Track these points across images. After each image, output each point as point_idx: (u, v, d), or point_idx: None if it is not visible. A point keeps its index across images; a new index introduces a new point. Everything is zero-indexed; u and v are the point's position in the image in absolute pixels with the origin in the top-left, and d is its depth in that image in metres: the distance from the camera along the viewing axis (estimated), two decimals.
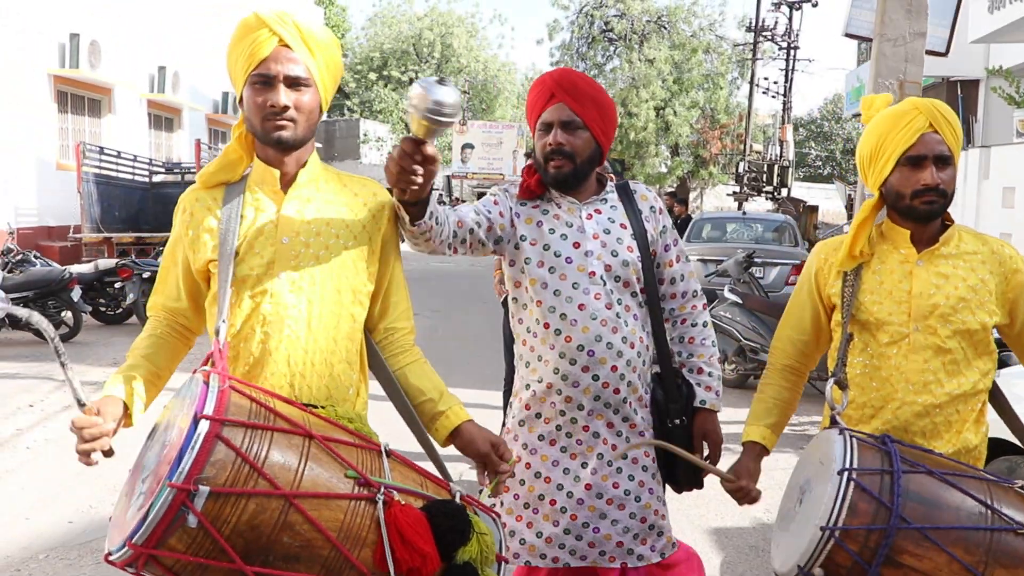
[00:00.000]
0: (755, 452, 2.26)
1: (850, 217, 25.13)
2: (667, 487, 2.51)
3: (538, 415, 2.39)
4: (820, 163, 53.53)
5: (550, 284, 2.35)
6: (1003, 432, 2.30)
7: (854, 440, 1.82)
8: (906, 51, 6.37)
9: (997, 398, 2.21)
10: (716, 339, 2.56)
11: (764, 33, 28.61)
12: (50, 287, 9.79)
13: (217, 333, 1.83)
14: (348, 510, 1.57)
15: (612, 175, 2.55)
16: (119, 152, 14.65)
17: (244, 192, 1.95)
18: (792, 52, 28.15)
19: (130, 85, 19.09)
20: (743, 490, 2.22)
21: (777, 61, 30.90)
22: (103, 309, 11.16)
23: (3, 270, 10.44)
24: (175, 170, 15.98)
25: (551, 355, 2.34)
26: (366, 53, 45.67)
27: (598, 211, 2.44)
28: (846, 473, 1.73)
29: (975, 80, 16.29)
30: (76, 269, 10.80)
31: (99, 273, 10.73)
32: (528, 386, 2.41)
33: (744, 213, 15.41)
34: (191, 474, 1.44)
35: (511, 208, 2.43)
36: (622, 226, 2.43)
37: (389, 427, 2.15)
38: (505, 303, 5.17)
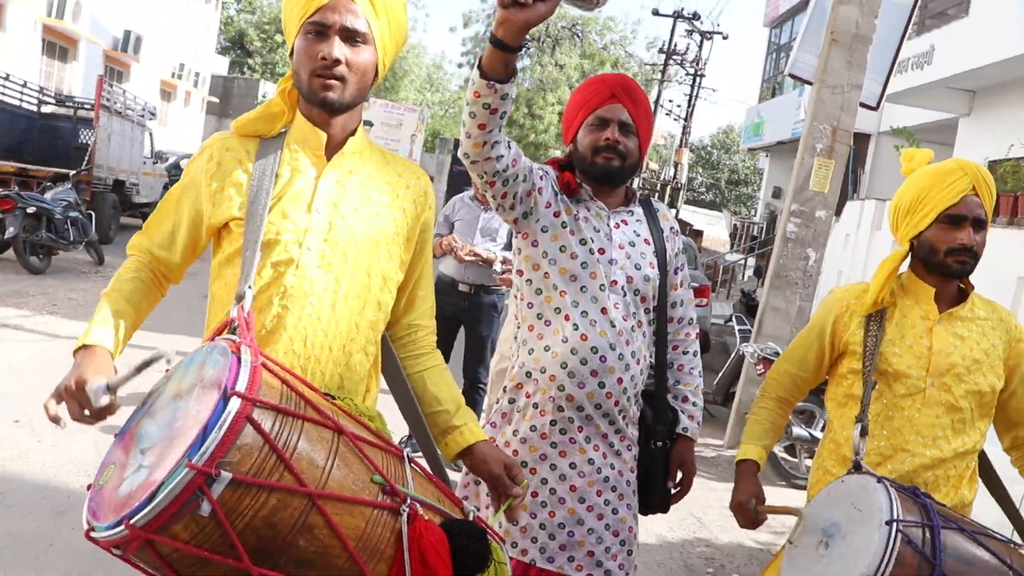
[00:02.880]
0: (754, 470, 2.29)
1: (733, 244, 26.06)
2: None
3: (535, 405, 2.35)
4: (704, 189, 55.23)
5: (579, 278, 2.33)
6: None
7: (894, 490, 1.85)
8: (843, 100, 6.65)
9: (983, 462, 2.32)
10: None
11: (674, 56, 29.28)
12: None
13: (241, 299, 1.62)
14: (370, 519, 1.42)
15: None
16: (7, 75, 13.60)
17: (281, 149, 1.78)
18: (698, 79, 28.92)
19: (24, 4, 17.77)
20: (760, 516, 2.23)
21: (682, 86, 31.69)
22: None
23: None
24: (67, 103, 14.98)
25: (562, 348, 2.30)
26: (275, 13, 44.26)
27: (625, 222, 2.44)
28: (895, 524, 1.74)
29: (867, 134, 17.21)
30: None
31: None
32: (529, 374, 2.36)
33: None
34: (214, 456, 1.25)
35: (553, 189, 2.40)
36: (646, 241, 2.45)
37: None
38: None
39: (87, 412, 1.50)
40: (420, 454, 1.95)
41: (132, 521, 1.25)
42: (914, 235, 2.20)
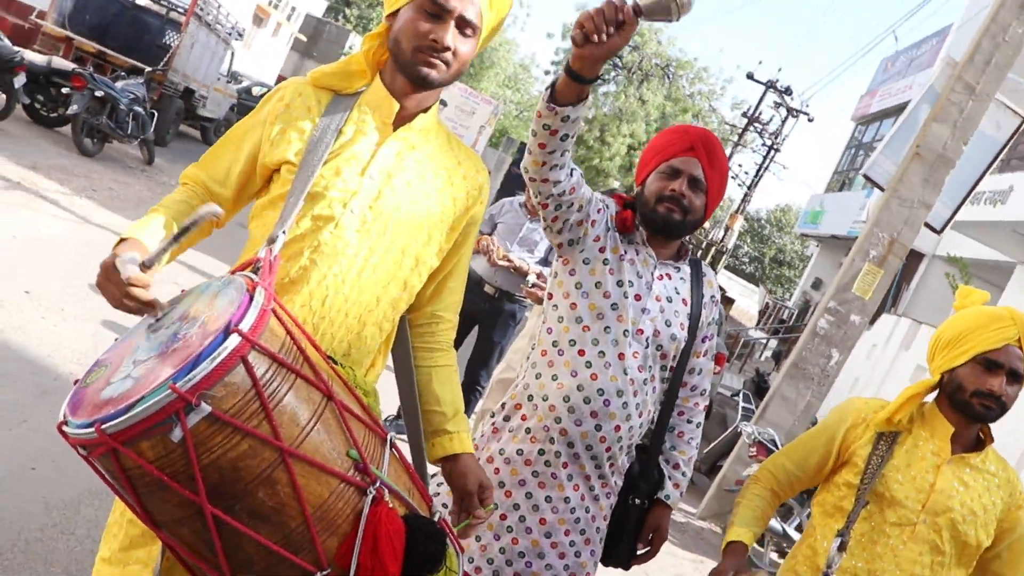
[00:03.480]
0: (744, 550, 2.25)
1: (760, 321, 25.89)
2: None
3: (528, 430, 2.32)
4: (748, 260, 55.01)
5: (606, 318, 2.30)
6: None
7: None
8: (909, 214, 6.58)
9: None
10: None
11: (756, 123, 29.18)
12: None
13: (272, 242, 1.62)
14: (335, 491, 1.40)
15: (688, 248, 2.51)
16: None
17: (352, 109, 1.77)
18: (772, 152, 28.80)
19: None
20: None
21: (755, 154, 31.58)
22: (38, 107, 10.53)
23: None
24: (162, 1, 15.14)
25: (569, 382, 2.28)
26: None
27: (668, 276, 2.41)
28: None
29: (921, 253, 17.02)
30: (29, 56, 10.12)
31: (51, 70, 10.09)
32: (531, 397, 2.34)
33: None
34: (199, 386, 1.24)
35: (607, 225, 2.38)
36: (684, 301, 2.41)
37: None
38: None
39: (125, 297, 1.42)
40: (404, 437, 1.94)
41: (104, 426, 1.24)
42: (947, 369, 2.17)
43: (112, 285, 1.43)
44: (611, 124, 33.79)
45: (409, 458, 1.87)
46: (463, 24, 1.71)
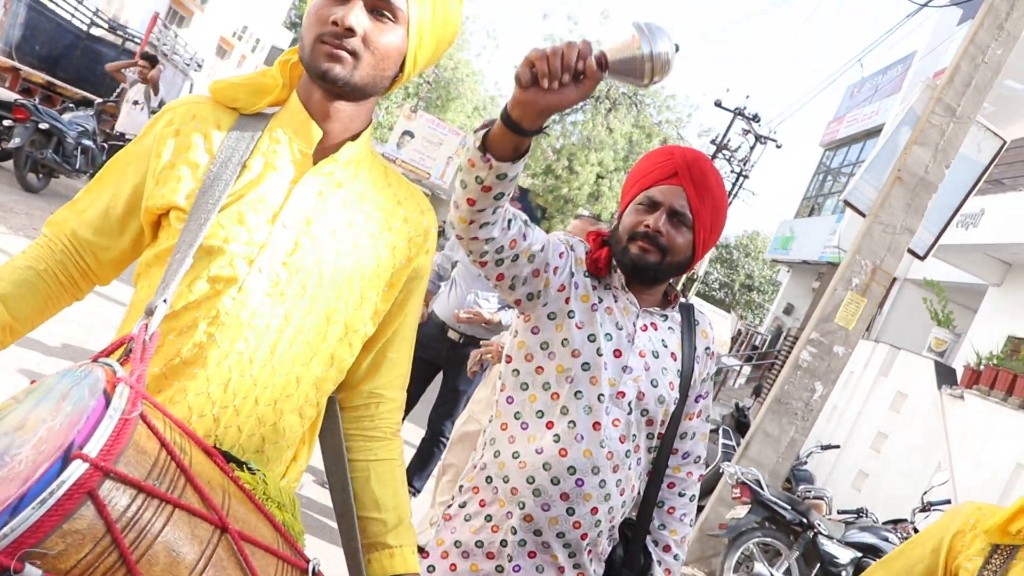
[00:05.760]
0: None
1: (732, 348, 25.66)
2: None
3: (488, 517, 1.94)
4: (718, 287, 54.99)
5: (576, 382, 1.90)
6: None
7: None
8: (892, 240, 6.31)
9: None
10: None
11: (724, 150, 29.15)
12: None
13: (150, 313, 1.23)
14: None
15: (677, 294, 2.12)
16: None
17: (261, 135, 1.38)
18: (741, 179, 28.76)
19: None
20: None
21: (724, 181, 31.58)
22: None
23: None
24: (117, 31, 14.72)
25: (533, 460, 1.89)
26: None
27: (654, 326, 2.02)
28: None
29: (894, 277, 16.88)
30: None
31: None
32: (489, 479, 1.95)
33: None
34: (22, 541, 0.86)
35: (571, 271, 1.97)
36: (672, 356, 2.02)
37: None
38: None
39: None
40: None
41: None
42: None
43: None
44: (579, 153, 33.67)
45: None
46: (374, 6, 1.34)
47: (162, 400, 1.29)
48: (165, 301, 1.26)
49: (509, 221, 1.74)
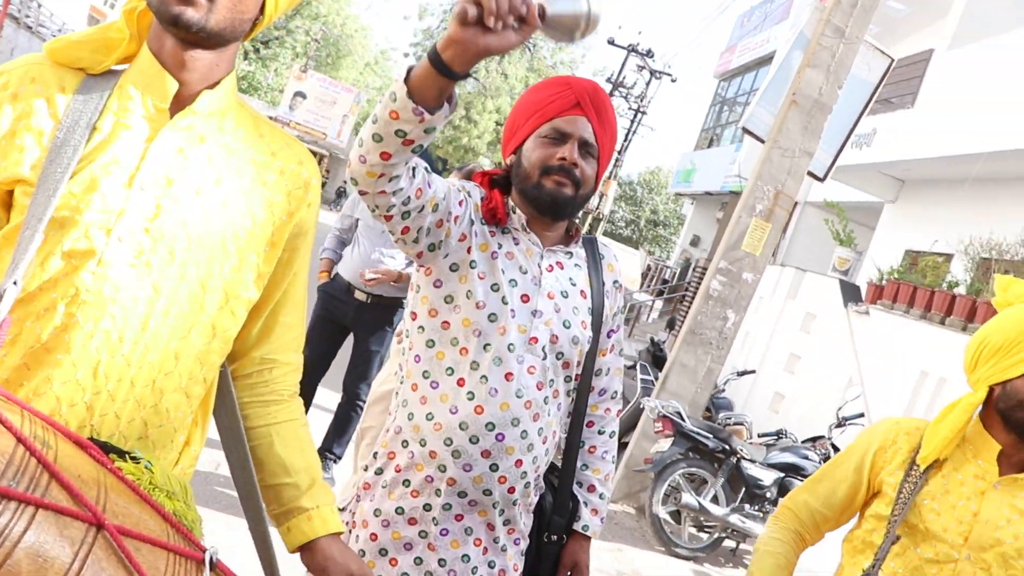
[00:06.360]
0: None
1: (643, 284, 26.05)
2: None
3: (406, 482, 1.85)
4: (624, 224, 55.65)
5: (484, 334, 1.81)
6: None
7: None
8: (792, 164, 6.38)
9: None
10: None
11: (620, 88, 29.23)
12: None
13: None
14: None
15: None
16: None
17: (110, 94, 1.24)
18: (639, 115, 28.93)
19: None
20: None
21: (622, 119, 31.73)
22: None
23: None
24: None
25: (448, 420, 1.80)
26: None
27: (560, 265, 1.94)
28: None
29: (794, 201, 17.28)
30: None
31: None
32: (405, 443, 1.86)
33: None
34: None
35: (471, 218, 1.87)
36: (582, 294, 1.95)
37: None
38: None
39: None
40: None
41: None
42: (998, 381, 1.76)
43: None
44: (476, 101, 33.39)
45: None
46: None
47: (26, 393, 1.17)
48: (16, 283, 1.13)
49: (413, 169, 1.65)
